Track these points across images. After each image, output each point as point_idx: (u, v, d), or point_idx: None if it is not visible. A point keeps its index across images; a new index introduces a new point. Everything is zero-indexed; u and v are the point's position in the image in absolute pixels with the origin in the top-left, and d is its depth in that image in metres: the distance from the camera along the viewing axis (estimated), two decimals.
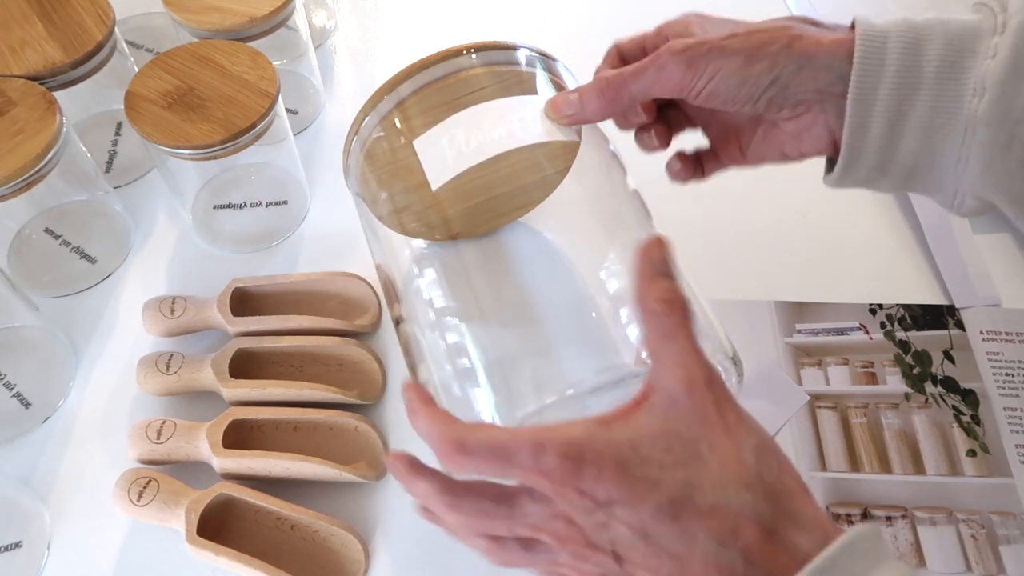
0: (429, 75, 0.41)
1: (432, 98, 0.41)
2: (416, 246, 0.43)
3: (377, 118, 0.42)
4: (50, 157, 0.47)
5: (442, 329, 0.39)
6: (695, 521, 0.29)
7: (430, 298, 0.41)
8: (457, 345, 0.38)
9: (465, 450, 0.31)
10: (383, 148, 0.42)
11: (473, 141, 0.39)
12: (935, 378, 0.53)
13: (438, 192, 0.40)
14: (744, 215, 0.60)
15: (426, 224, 0.42)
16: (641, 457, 0.30)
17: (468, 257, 0.42)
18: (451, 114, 0.40)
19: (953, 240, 0.58)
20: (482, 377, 0.36)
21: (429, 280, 0.41)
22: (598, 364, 0.36)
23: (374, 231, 0.45)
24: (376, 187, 0.43)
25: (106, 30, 0.54)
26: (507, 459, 0.30)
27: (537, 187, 0.43)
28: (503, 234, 0.42)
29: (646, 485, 0.29)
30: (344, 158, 0.45)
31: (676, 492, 0.29)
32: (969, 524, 0.47)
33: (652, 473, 0.29)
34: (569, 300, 0.40)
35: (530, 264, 0.41)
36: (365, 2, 0.75)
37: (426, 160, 0.39)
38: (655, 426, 0.31)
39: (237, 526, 0.45)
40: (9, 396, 0.51)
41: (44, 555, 0.46)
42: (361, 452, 0.48)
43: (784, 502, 0.29)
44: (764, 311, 0.55)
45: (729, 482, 0.29)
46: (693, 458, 0.30)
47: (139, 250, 0.59)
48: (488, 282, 0.41)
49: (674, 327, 0.32)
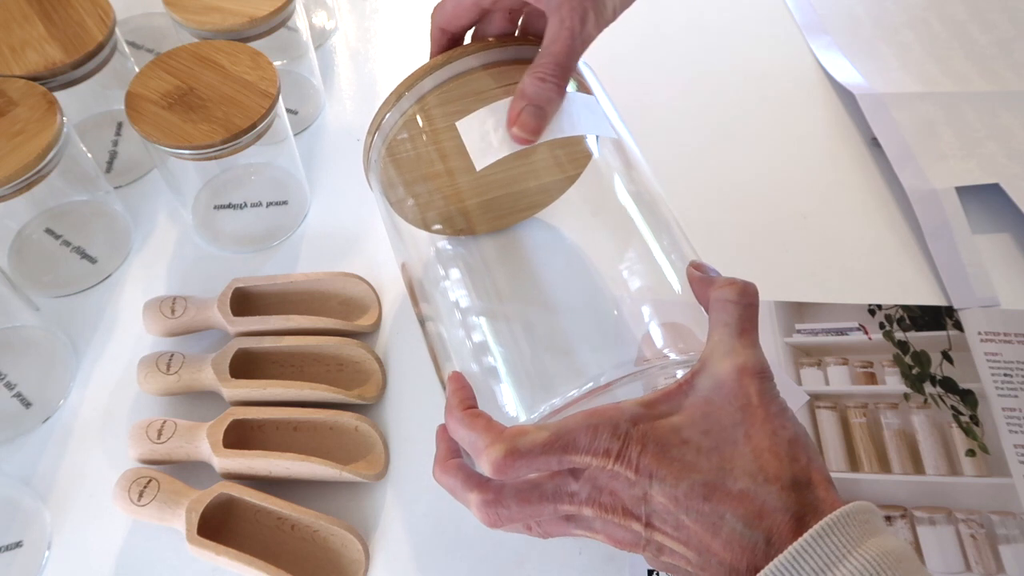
0: (449, 71, 0.41)
1: (454, 92, 0.41)
2: (439, 245, 0.43)
3: (398, 114, 0.42)
4: (51, 157, 0.47)
5: (465, 325, 0.40)
6: (725, 503, 0.31)
7: (453, 295, 0.41)
8: (480, 341, 0.39)
9: (519, 457, 0.33)
10: (405, 141, 0.42)
11: None
12: (934, 378, 0.53)
13: (458, 183, 0.40)
14: (744, 216, 0.60)
15: (443, 215, 0.42)
16: (681, 439, 0.32)
17: (490, 254, 0.43)
18: (475, 107, 0.40)
19: (952, 241, 0.58)
20: (505, 372, 0.37)
21: (452, 278, 0.42)
22: (618, 358, 0.37)
23: (398, 231, 0.45)
24: (397, 178, 0.43)
25: (106, 30, 0.54)
26: (564, 449, 0.33)
27: (552, 187, 0.44)
28: (524, 231, 0.43)
29: (683, 466, 0.32)
30: (364, 153, 0.45)
31: (710, 475, 0.31)
32: (968, 524, 0.47)
33: (689, 455, 0.32)
34: (590, 295, 0.40)
35: (551, 260, 0.42)
36: (365, 2, 0.76)
37: (470, 142, 0.40)
38: (697, 408, 0.33)
39: (237, 526, 0.46)
40: (9, 396, 0.51)
41: (44, 555, 0.46)
42: (361, 452, 0.48)
43: (808, 493, 0.31)
44: (764, 311, 0.55)
45: (759, 470, 0.31)
46: (729, 444, 0.32)
47: (139, 250, 0.59)
48: (510, 278, 0.42)
49: (739, 318, 0.34)
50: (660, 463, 0.32)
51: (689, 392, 0.34)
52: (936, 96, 0.67)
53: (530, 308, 0.40)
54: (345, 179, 0.62)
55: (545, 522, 0.36)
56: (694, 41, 0.72)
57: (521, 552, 0.46)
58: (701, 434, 0.32)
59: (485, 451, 0.33)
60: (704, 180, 0.63)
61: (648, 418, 0.33)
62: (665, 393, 0.34)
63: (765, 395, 0.33)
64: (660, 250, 0.41)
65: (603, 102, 0.44)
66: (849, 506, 0.31)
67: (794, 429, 0.33)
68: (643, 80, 0.69)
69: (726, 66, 0.71)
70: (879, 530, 0.31)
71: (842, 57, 0.71)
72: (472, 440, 0.34)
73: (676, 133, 0.66)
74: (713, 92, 0.69)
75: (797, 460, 0.32)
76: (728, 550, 0.31)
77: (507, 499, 0.35)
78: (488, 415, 0.35)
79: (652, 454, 0.32)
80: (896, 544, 0.30)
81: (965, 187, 0.61)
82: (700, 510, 0.31)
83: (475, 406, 0.36)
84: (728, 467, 0.31)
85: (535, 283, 0.42)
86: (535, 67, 0.40)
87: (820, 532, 0.29)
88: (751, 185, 0.63)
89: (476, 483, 0.36)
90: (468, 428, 0.35)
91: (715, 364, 0.33)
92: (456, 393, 0.37)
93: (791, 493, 0.31)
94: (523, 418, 0.35)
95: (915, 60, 0.70)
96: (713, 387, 0.33)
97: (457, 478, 0.36)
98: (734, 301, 0.35)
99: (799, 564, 0.29)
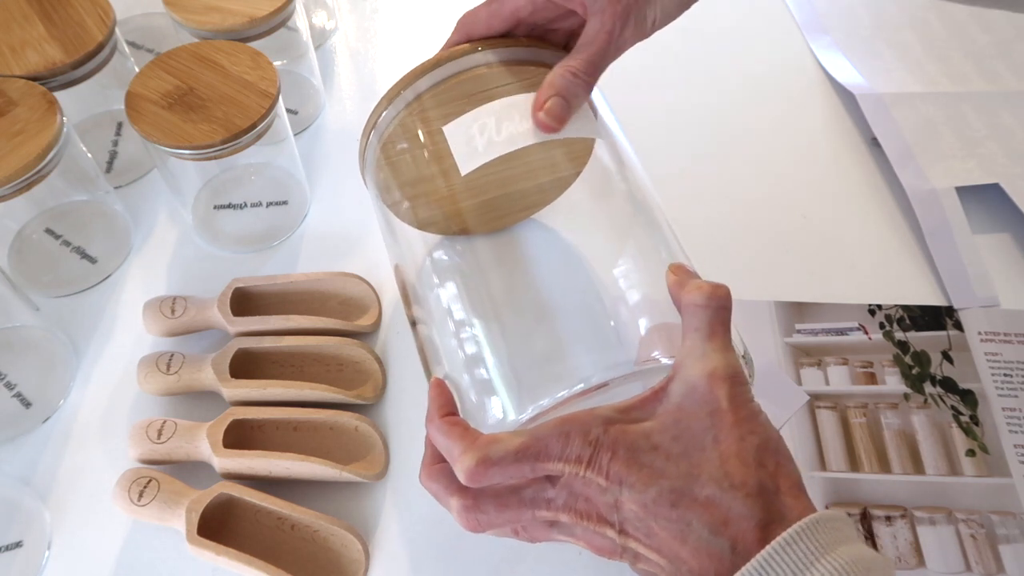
0: (447, 71, 0.42)
1: (450, 92, 0.41)
2: (432, 245, 0.43)
3: (394, 112, 0.42)
4: (51, 157, 0.47)
5: (455, 325, 0.40)
6: (691, 510, 0.31)
7: (445, 296, 0.41)
8: (470, 341, 0.38)
9: (491, 465, 0.33)
10: (400, 141, 0.42)
11: (504, 131, 0.40)
12: (934, 378, 0.53)
13: (453, 184, 0.40)
14: (744, 216, 0.60)
15: (438, 216, 0.42)
16: (651, 445, 0.32)
17: (482, 255, 0.43)
18: (469, 108, 0.40)
19: (952, 241, 0.58)
20: (494, 372, 0.37)
21: (443, 278, 0.42)
22: (608, 360, 0.37)
23: (392, 232, 0.45)
24: (392, 179, 0.43)
25: (107, 30, 0.54)
26: (536, 457, 0.33)
27: (549, 188, 0.43)
28: (517, 232, 0.43)
29: (652, 472, 0.32)
30: (360, 152, 0.45)
31: (678, 482, 0.31)
32: (968, 524, 0.47)
33: (659, 462, 0.32)
34: (580, 297, 0.40)
35: (545, 262, 0.42)
36: (365, 2, 0.76)
37: (455, 146, 0.40)
38: (668, 415, 0.33)
39: (237, 526, 0.46)
40: (9, 396, 0.51)
41: (44, 555, 0.46)
42: (361, 452, 0.48)
43: (775, 500, 0.31)
44: (764, 311, 0.55)
45: (724, 476, 0.31)
46: (697, 449, 0.32)
47: (139, 250, 0.59)
48: (501, 279, 0.42)
49: (708, 322, 0.34)
50: (630, 469, 0.32)
51: (663, 398, 0.33)
52: (936, 96, 0.67)
53: (521, 309, 0.40)
54: (345, 179, 0.62)
55: (530, 527, 0.36)
56: (694, 41, 0.72)
57: (520, 552, 0.45)
58: (671, 440, 0.32)
59: (459, 459, 0.33)
60: (704, 180, 0.63)
61: (620, 424, 0.33)
62: (640, 400, 0.34)
63: (735, 400, 0.32)
64: (653, 252, 0.41)
65: (599, 104, 0.44)
66: (818, 514, 0.30)
67: (764, 434, 0.32)
68: (643, 80, 0.69)
69: (726, 66, 0.71)
70: (849, 539, 0.30)
71: (842, 57, 0.71)
72: (448, 447, 0.34)
73: (676, 133, 0.66)
74: (713, 92, 0.69)
75: (764, 466, 0.31)
76: (696, 558, 0.31)
77: (486, 504, 0.35)
78: (465, 423, 0.35)
79: (622, 460, 0.32)
80: (866, 552, 0.30)
81: (965, 187, 0.61)
82: (668, 517, 0.31)
83: (455, 413, 0.36)
84: (696, 473, 0.31)
85: (527, 284, 0.42)
86: (568, 62, 0.40)
87: (788, 540, 0.29)
88: (751, 185, 0.63)
89: (457, 488, 0.36)
90: (445, 435, 0.35)
91: (687, 370, 0.33)
92: (435, 400, 0.37)
93: (756, 500, 0.30)
94: (512, 418, 0.35)
95: (915, 60, 0.70)
96: (685, 393, 0.33)
97: (440, 483, 0.36)
98: (702, 305, 0.34)
99: (766, 572, 0.29)
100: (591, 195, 0.43)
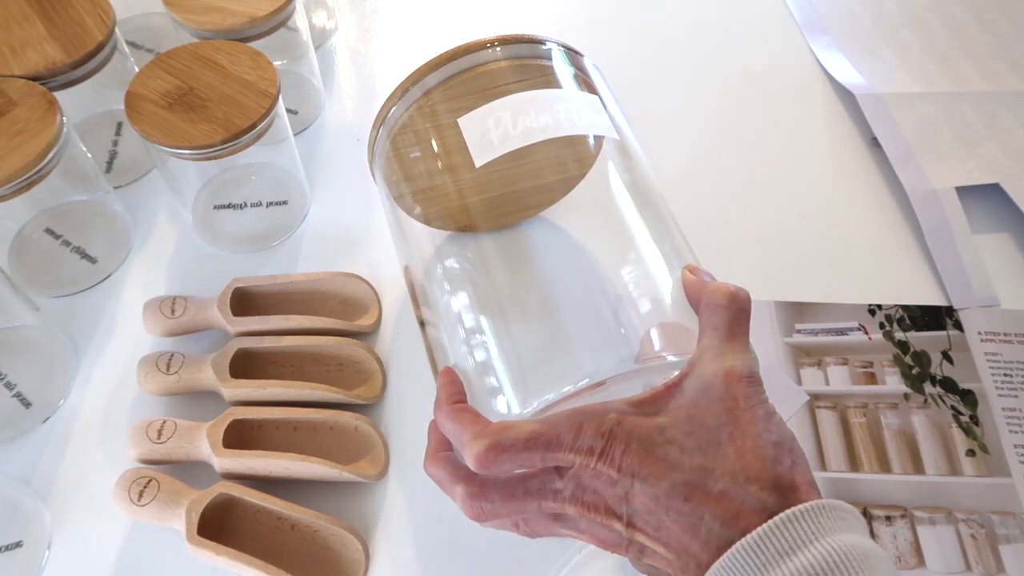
0: (455, 67, 0.42)
1: (461, 87, 0.41)
2: (440, 244, 0.43)
3: (404, 108, 0.42)
4: (50, 157, 0.47)
5: (463, 320, 0.40)
6: (704, 504, 0.31)
7: (451, 291, 0.41)
8: (477, 335, 0.39)
9: (501, 451, 0.33)
10: (410, 136, 0.42)
11: (520, 125, 0.40)
12: (934, 378, 0.53)
13: (460, 179, 0.40)
14: (744, 215, 0.60)
15: (444, 210, 0.42)
16: (665, 439, 0.32)
17: (489, 251, 0.43)
18: (480, 104, 0.40)
19: (952, 241, 0.58)
20: (499, 366, 0.37)
21: (451, 275, 0.42)
22: (614, 356, 0.37)
23: (401, 228, 0.46)
24: (401, 174, 0.44)
25: (106, 30, 0.54)
26: (547, 446, 0.33)
27: (555, 188, 0.44)
28: (523, 229, 0.43)
29: (665, 465, 0.32)
30: (370, 145, 0.45)
31: (691, 475, 0.31)
32: (968, 524, 0.47)
33: (672, 455, 0.32)
34: (587, 293, 0.41)
35: (552, 258, 0.43)
36: (365, 2, 0.76)
37: (471, 138, 0.40)
38: (683, 410, 0.33)
39: (237, 526, 0.46)
40: (9, 396, 0.51)
41: (44, 555, 0.46)
42: (361, 452, 0.48)
43: (790, 495, 0.31)
44: (764, 311, 0.55)
45: (740, 471, 0.31)
46: (712, 445, 0.32)
47: (139, 250, 0.59)
48: (507, 276, 0.42)
49: (728, 322, 0.34)
50: (643, 462, 0.32)
51: (677, 394, 0.34)
52: (936, 96, 0.67)
53: (527, 305, 0.40)
54: (345, 179, 0.62)
55: (532, 520, 0.36)
56: (694, 41, 0.72)
57: (520, 551, 0.45)
58: (685, 435, 0.32)
59: (469, 444, 0.33)
60: (704, 180, 0.63)
61: (633, 417, 0.33)
62: (653, 394, 0.34)
63: (752, 399, 0.33)
64: (660, 251, 0.41)
65: (608, 102, 0.44)
66: (826, 500, 0.31)
67: (780, 433, 0.33)
68: (643, 80, 0.69)
69: (726, 66, 0.71)
70: (853, 528, 0.31)
71: (842, 57, 0.71)
72: (457, 433, 0.34)
73: (676, 133, 0.66)
74: (713, 92, 0.69)
75: (781, 462, 0.32)
76: (706, 551, 0.31)
77: (492, 493, 0.35)
78: (475, 410, 0.35)
79: (635, 453, 0.32)
80: (868, 543, 0.30)
81: (965, 187, 0.61)
82: (680, 510, 0.31)
83: (464, 401, 0.36)
84: (710, 467, 0.31)
85: (533, 281, 0.42)
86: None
87: (790, 516, 0.29)
88: (751, 185, 0.63)
89: (463, 476, 0.36)
90: (454, 422, 0.35)
91: (703, 367, 0.33)
92: (445, 387, 0.37)
93: (772, 494, 0.31)
94: (516, 412, 0.36)
95: (915, 60, 0.70)
96: (700, 390, 0.33)
97: (445, 470, 0.36)
98: (724, 306, 0.35)
99: (764, 544, 0.29)
100: (598, 193, 0.43)
